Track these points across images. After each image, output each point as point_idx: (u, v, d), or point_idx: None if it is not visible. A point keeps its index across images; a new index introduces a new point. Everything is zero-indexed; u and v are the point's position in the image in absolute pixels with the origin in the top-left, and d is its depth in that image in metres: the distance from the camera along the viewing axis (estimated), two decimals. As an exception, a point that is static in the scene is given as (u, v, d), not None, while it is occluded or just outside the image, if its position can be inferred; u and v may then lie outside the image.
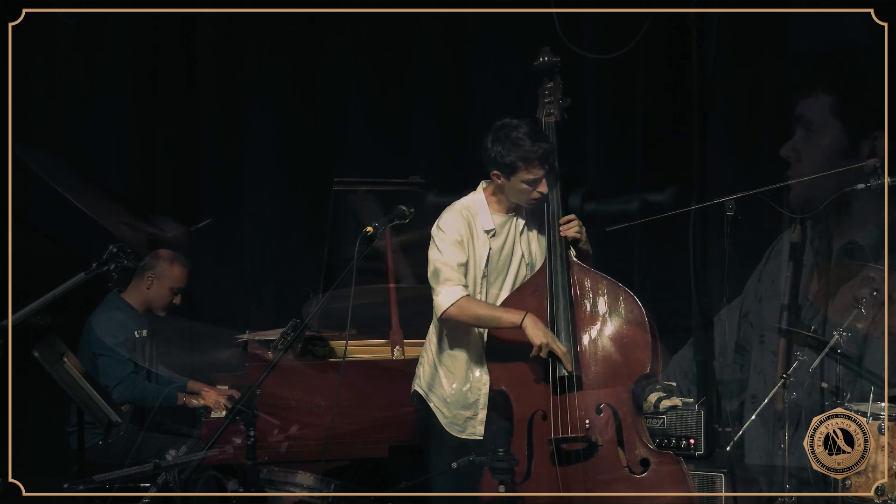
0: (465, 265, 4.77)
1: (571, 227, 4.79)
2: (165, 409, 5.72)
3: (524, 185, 4.73)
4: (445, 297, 4.72)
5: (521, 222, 4.87)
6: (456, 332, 4.86)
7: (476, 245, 4.79)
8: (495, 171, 4.75)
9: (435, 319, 4.89)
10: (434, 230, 4.81)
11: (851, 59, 5.92)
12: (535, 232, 4.90)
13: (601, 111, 6.27)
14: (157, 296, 5.87)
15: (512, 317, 4.68)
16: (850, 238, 5.97)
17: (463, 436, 4.86)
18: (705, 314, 6.11)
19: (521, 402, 4.72)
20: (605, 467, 4.65)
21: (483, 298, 4.81)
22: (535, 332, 4.63)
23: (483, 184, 4.89)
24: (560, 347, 4.63)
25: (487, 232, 4.81)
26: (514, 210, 4.86)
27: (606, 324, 4.74)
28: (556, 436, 4.64)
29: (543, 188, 4.75)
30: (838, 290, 5.69)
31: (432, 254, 4.79)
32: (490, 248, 4.81)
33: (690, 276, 6.11)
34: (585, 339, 4.73)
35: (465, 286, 4.74)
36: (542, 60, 4.87)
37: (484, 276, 4.80)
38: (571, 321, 4.71)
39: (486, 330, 4.82)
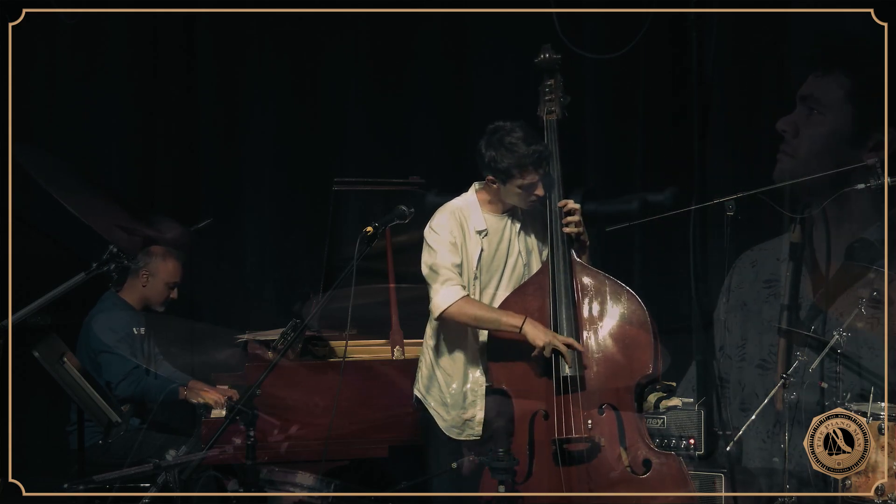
0: (460, 266, 4.76)
1: (572, 223, 4.77)
2: (166, 407, 5.72)
3: (519, 190, 4.72)
4: (444, 296, 4.71)
5: (518, 224, 4.86)
6: (452, 334, 4.85)
7: (468, 246, 4.78)
8: (490, 177, 4.75)
9: (431, 322, 4.88)
10: (427, 232, 4.80)
11: (852, 58, 5.92)
12: (532, 231, 4.89)
13: (601, 111, 6.27)
14: (154, 292, 5.89)
15: (512, 320, 4.67)
16: (860, 235, 5.93)
17: (462, 437, 4.85)
18: (705, 314, 6.11)
19: (522, 402, 4.71)
20: (608, 468, 4.65)
21: (475, 297, 4.79)
22: (536, 334, 4.62)
23: (476, 185, 4.88)
24: (563, 343, 4.62)
25: (479, 233, 4.79)
26: (509, 210, 4.84)
27: (609, 324, 4.73)
28: (560, 436, 4.64)
29: (540, 191, 4.74)
30: (843, 292, 5.68)
31: (427, 256, 4.78)
32: (482, 250, 4.79)
33: (690, 276, 6.11)
34: (588, 340, 4.72)
35: (464, 286, 4.74)
36: (543, 57, 4.86)
37: (476, 278, 4.79)
38: (574, 321, 4.70)
39: (484, 331, 4.82)
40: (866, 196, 5.61)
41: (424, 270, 4.78)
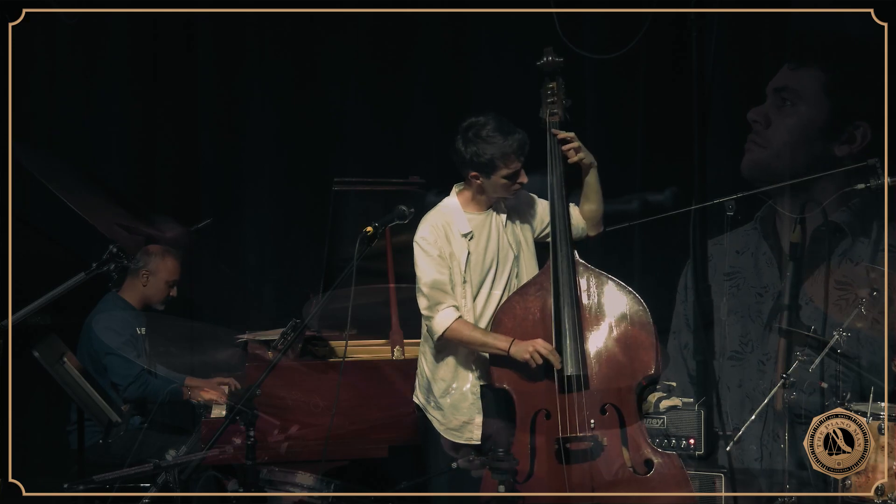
0: (450, 279, 4.77)
1: (571, 149, 4.77)
2: (167, 407, 5.72)
3: (504, 181, 4.73)
4: (440, 322, 4.73)
5: (503, 216, 4.86)
6: (447, 340, 4.85)
7: (455, 250, 4.78)
8: (473, 173, 4.76)
9: (424, 329, 4.89)
10: (415, 248, 4.80)
11: (849, 54, 5.93)
12: (518, 223, 4.89)
13: (601, 111, 6.27)
14: (155, 291, 5.90)
15: (499, 343, 4.68)
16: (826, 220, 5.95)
17: (461, 441, 4.85)
18: (705, 314, 6.11)
19: (523, 401, 4.71)
20: (610, 467, 4.65)
21: (467, 300, 4.80)
22: (520, 350, 4.63)
23: (456, 188, 4.88)
24: (545, 346, 4.63)
25: (465, 235, 4.80)
26: (492, 206, 4.86)
27: (612, 324, 4.73)
28: (563, 435, 4.64)
29: (523, 178, 4.76)
30: (839, 291, 5.69)
31: (420, 278, 4.78)
32: (469, 252, 4.80)
33: (690, 276, 6.11)
34: (590, 340, 4.72)
35: (456, 306, 4.75)
36: (546, 60, 4.85)
37: (465, 281, 4.79)
38: (577, 321, 4.70)
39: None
40: (831, 181, 5.66)
41: (418, 291, 4.80)
